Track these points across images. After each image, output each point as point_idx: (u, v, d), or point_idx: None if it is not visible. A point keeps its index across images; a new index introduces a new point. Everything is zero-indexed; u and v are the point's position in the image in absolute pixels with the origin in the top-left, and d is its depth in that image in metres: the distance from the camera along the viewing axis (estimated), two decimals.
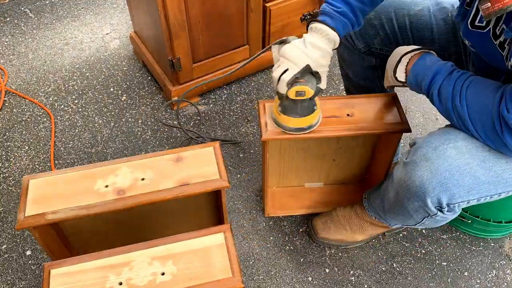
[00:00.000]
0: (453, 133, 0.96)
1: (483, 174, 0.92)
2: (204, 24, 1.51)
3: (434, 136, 0.97)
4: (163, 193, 0.98)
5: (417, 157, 0.96)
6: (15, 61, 1.94)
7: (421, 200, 0.96)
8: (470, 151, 0.93)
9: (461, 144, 0.93)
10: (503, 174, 0.93)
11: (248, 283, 1.28)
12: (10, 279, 1.30)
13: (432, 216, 1.00)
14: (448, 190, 0.93)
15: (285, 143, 1.27)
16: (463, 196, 0.94)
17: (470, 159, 0.92)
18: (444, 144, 0.94)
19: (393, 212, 1.11)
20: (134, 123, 1.70)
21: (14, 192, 1.49)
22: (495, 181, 0.93)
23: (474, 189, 0.93)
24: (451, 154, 0.92)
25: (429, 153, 0.94)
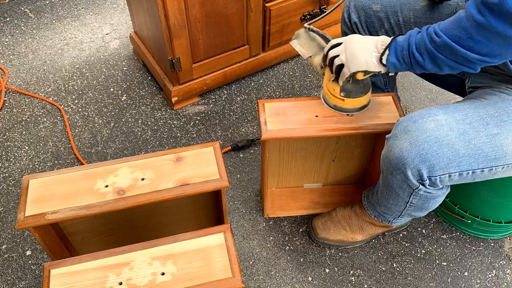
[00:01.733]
0: (434, 108, 0.99)
1: (462, 147, 0.94)
2: (204, 24, 1.51)
3: (415, 112, 1.00)
4: (163, 193, 0.98)
5: (397, 130, 0.99)
6: (15, 61, 1.94)
7: (402, 172, 0.99)
8: (449, 124, 0.95)
9: (440, 117, 0.96)
10: (483, 147, 0.94)
11: (248, 283, 1.28)
12: (10, 279, 1.30)
13: (416, 191, 1.02)
14: (427, 161, 0.95)
15: (284, 143, 1.27)
16: (443, 167, 0.95)
17: (449, 131, 0.94)
18: (424, 117, 0.97)
19: (384, 197, 1.13)
20: (134, 123, 1.70)
21: (14, 192, 1.49)
22: (475, 154, 0.94)
23: (454, 161, 0.94)
24: (430, 127, 0.95)
25: (409, 126, 0.97)
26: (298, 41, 1.19)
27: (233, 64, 1.73)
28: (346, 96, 1.11)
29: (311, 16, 1.74)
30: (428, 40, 0.90)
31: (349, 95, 1.11)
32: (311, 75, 1.88)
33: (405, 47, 0.95)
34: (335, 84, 1.11)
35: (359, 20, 1.26)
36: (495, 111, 0.97)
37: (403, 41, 0.96)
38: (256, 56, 1.78)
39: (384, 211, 1.19)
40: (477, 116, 0.96)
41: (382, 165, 1.06)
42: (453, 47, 0.86)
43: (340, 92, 1.11)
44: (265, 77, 1.86)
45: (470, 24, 0.82)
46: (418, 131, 0.95)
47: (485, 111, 0.97)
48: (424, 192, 1.02)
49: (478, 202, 1.29)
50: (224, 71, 1.72)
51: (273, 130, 1.12)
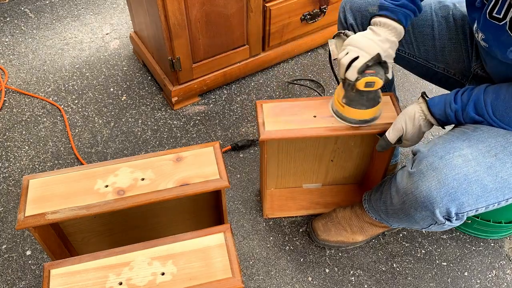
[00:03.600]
0: (457, 141, 0.95)
1: (491, 181, 0.91)
2: (204, 24, 1.51)
3: (438, 145, 0.96)
4: (163, 193, 0.98)
5: (423, 166, 0.95)
6: (15, 61, 1.94)
7: (429, 210, 0.95)
8: (476, 159, 0.92)
9: (466, 152, 0.92)
10: (509, 179, 0.92)
11: (248, 283, 1.28)
12: (10, 279, 1.30)
13: (439, 225, 1.00)
14: (457, 200, 0.91)
15: (283, 143, 1.27)
16: (471, 204, 0.92)
17: (476, 167, 0.91)
18: (450, 152, 0.93)
19: (398, 218, 1.10)
20: (134, 123, 1.70)
21: (14, 192, 1.49)
22: (502, 187, 0.92)
23: (482, 197, 0.92)
24: (457, 163, 0.91)
25: (436, 163, 0.93)
26: (335, 41, 1.16)
27: (233, 64, 1.73)
28: (347, 103, 1.09)
29: (311, 16, 1.74)
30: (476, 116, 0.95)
31: (349, 103, 1.08)
32: (311, 75, 1.88)
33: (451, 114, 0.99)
34: (342, 90, 1.09)
35: (355, 22, 1.25)
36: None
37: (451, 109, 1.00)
38: (256, 56, 1.78)
39: (390, 221, 1.17)
40: (500, 146, 0.93)
41: (404, 199, 1.01)
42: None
43: (343, 98, 1.09)
44: (265, 77, 1.86)
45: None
46: (447, 169, 0.91)
47: (505, 140, 0.94)
48: (447, 226, 1.00)
49: None
50: (224, 71, 1.72)
51: (271, 130, 1.12)
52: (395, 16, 1.03)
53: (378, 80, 1.01)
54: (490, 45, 0.95)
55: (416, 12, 1.07)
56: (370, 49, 1.01)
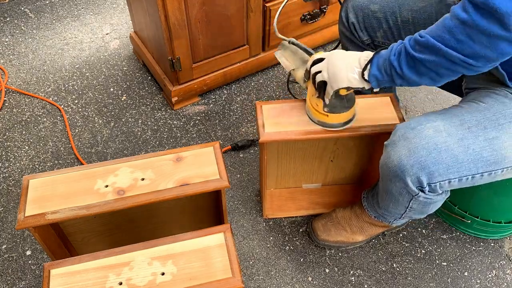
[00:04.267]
0: (432, 114, 0.98)
1: (461, 152, 0.93)
2: (204, 24, 1.51)
3: (413, 119, 0.99)
4: (163, 193, 0.98)
5: (395, 137, 0.98)
6: (15, 61, 1.94)
7: (401, 179, 0.98)
8: (448, 130, 0.94)
9: (438, 123, 0.95)
10: (481, 152, 0.93)
11: (248, 283, 1.28)
12: (10, 279, 1.30)
13: (415, 198, 1.02)
14: (426, 168, 0.94)
15: (283, 144, 1.27)
16: (442, 174, 0.95)
17: (447, 137, 0.93)
18: (422, 124, 0.96)
19: (384, 202, 1.12)
20: (134, 123, 1.70)
21: (14, 192, 1.49)
22: (474, 159, 0.94)
23: (453, 167, 0.94)
24: (428, 133, 0.94)
25: (407, 133, 0.96)
26: (283, 53, 1.17)
27: (233, 64, 1.73)
28: (330, 111, 1.08)
29: (311, 16, 1.74)
30: (409, 45, 0.88)
31: (332, 110, 1.08)
32: None
33: (386, 58, 0.92)
34: (318, 100, 1.08)
35: (357, 21, 1.25)
36: (492, 115, 0.96)
37: (385, 53, 0.93)
38: (256, 56, 1.77)
39: (384, 213, 1.19)
40: (475, 120, 0.95)
41: (381, 172, 1.05)
42: (434, 46, 0.83)
43: (324, 108, 1.08)
44: (265, 77, 1.86)
45: (454, 23, 0.80)
46: (417, 138, 0.94)
47: (482, 115, 0.96)
48: (423, 198, 1.02)
49: (478, 202, 1.29)
50: (224, 71, 1.72)
51: (271, 132, 1.12)
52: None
53: None
54: None
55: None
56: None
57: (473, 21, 0.77)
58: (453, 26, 0.81)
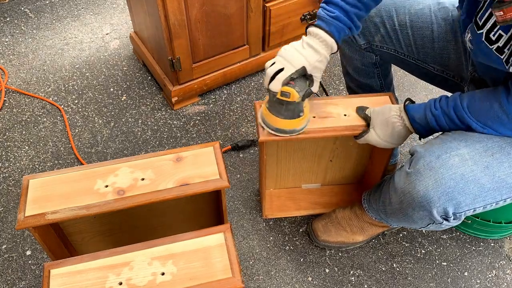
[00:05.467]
0: (454, 141, 0.95)
1: (488, 181, 0.91)
2: (204, 24, 1.51)
3: (435, 145, 0.96)
4: (163, 193, 0.98)
5: (420, 166, 0.95)
6: (15, 61, 1.94)
7: (426, 210, 0.95)
8: (473, 158, 0.92)
9: (463, 151, 0.92)
10: (506, 179, 0.92)
11: (248, 283, 1.28)
12: (10, 279, 1.30)
13: (437, 224, 1.00)
14: (454, 199, 0.91)
15: (282, 144, 1.27)
16: (469, 204, 0.92)
17: (473, 166, 0.91)
18: (447, 152, 0.93)
19: (396, 218, 1.10)
20: (134, 123, 1.70)
21: (14, 192, 1.49)
22: (499, 187, 0.92)
23: (480, 196, 0.92)
24: (454, 162, 0.91)
25: (433, 162, 0.93)
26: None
27: (233, 64, 1.73)
28: (268, 109, 1.08)
29: (311, 16, 1.74)
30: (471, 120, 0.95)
31: (270, 109, 1.08)
32: None
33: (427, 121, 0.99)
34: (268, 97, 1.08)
35: None
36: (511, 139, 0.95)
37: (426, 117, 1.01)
38: (256, 56, 1.78)
39: (389, 221, 1.17)
40: (497, 146, 0.93)
41: (402, 198, 1.01)
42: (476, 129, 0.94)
43: (267, 102, 1.08)
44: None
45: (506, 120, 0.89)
46: (443, 168, 0.91)
47: (503, 140, 0.94)
48: (445, 225, 1.00)
49: None
50: (224, 71, 1.72)
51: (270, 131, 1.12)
52: (328, 28, 1.01)
53: (294, 92, 1.00)
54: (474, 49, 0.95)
55: (353, 29, 1.05)
56: (296, 61, 1.01)
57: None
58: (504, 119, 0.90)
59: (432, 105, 0.99)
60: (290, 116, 1.07)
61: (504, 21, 0.76)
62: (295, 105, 1.05)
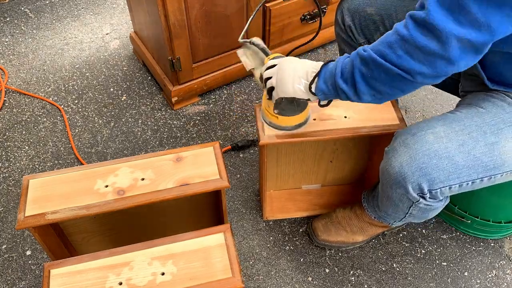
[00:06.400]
0: (432, 120, 0.98)
1: (462, 158, 0.93)
2: (204, 24, 1.51)
3: (413, 125, 0.99)
4: (163, 193, 0.98)
5: (396, 143, 0.98)
6: (15, 61, 1.94)
7: (402, 186, 0.97)
8: (448, 136, 0.94)
9: (439, 129, 0.95)
10: (481, 158, 0.93)
11: (248, 283, 1.28)
12: (10, 279, 1.30)
13: (416, 204, 1.01)
14: (428, 175, 0.94)
15: (282, 146, 1.27)
16: (443, 181, 0.94)
17: (448, 143, 0.93)
18: (423, 130, 0.96)
19: (384, 206, 1.12)
20: (134, 123, 1.70)
21: (14, 192, 1.49)
22: (474, 165, 0.94)
23: (454, 173, 0.94)
24: (429, 139, 0.94)
25: (408, 139, 0.96)
26: (245, 51, 1.15)
27: (233, 64, 1.73)
28: (279, 114, 1.08)
29: (311, 16, 1.74)
30: (354, 59, 0.87)
31: (282, 113, 1.08)
32: None
33: (332, 71, 0.90)
34: (271, 101, 1.07)
35: (353, 23, 1.25)
36: (491, 119, 0.96)
37: (332, 66, 0.91)
38: None
39: (384, 215, 1.19)
40: (474, 125, 0.95)
41: (381, 178, 1.04)
42: (376, 60, 0.82)
43: (274, 110, 1.08)
44: None
45: (395, 38, 0.80)
46: (417, 144, 0.94)
47: (482, 120, 0.96)
48: (424, 205, 1.01)
49: (478, 202, 1.29)
50: (224, 71, 1.72)
51: (271, 135, 1.12)
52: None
53: None
54: None
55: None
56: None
57: (412, 37, 0.77)
58: (393, 41, 0.80)
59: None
60: (303, 108, 1.10)
61: None
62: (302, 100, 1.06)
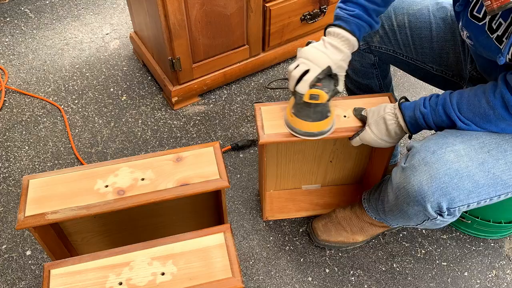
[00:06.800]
0: (450, 137, 0.95)
1: (482, 177, 0.92)
2: (204, 24, 1.51)
3: (431, 141, 0.96)
4: (163, 193, 0.98)
5: (415, 161, 0.95)
6: (15, 61, 1.94)
7: (420, 205, 0.96)
8: (469, 154, 0.92)
9: (459, 147, 0.93)
10: (501, 176, 0.92)
11: (248, 283, 1.28)
12: (10, 279, 1.30)
13: (431, 220, 1.00)
14: (448, 194, 0.92)
15: (282, 146, 1.27)
16: (463, 200, 0.93)
17: (468, 162, 0.92)
18: (442, 148, 0.94)
19: (393, 215, 1.10)
20: (134, 123, 1.70)
21: (14, 192, 1.49)
22: (494, 183, 0.92)
23: (474, 192, 0.92)
24: (449, 158, 0.92)
25: (428, 157, 0.94)
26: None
27: (233, 64, 1.73)
28: (295, 114, 1.08)
29: (311, 16, 1.74)
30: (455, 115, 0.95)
31: (297, 114, 1.07)
32: None
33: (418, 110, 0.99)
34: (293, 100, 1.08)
35: None
36: (510, 137, 0.95)
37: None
38: (256, 56, 1.78)
39: (388, 219, 1.18)
40: (494, 143, 0.94)
41: (397, 193, 1.02)
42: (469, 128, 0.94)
43: (292, 108, 1.08)
44: (265, 77, 1.86)
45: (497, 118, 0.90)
46: (438, 164, 0.92)
47: (501, 137, 0.94)
48: (440, 221, 1.00)
49: None
50: (224, 71, 1.72)
51: (270, 134, 1.12)
52: (348, 27, 1.01)
53: (323, 94, 1.00)
54: (474, 44, 0.95)
55: (373, 25, 1.05)
56: (320, 62, 1.00)
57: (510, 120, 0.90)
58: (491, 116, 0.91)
59: (422, 103, 1.00)
60: (319, 118, 1.07)
61: (491, 10, 0.79)
62: (323, 106, 1.05)
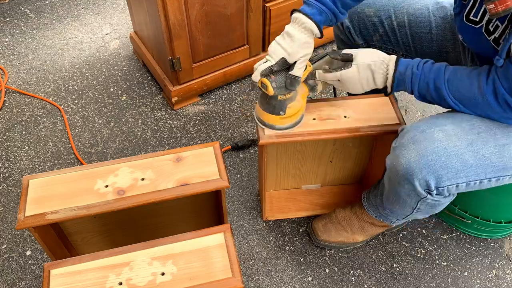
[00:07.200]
0: (441, 118, 0.98)
1: (471, 157, 0.93)
2: (204, 24, 1.51)
3: (422, 122, 0.99)
4: (163, 193, 0.98)
5: (404, 140, 0.98)
6: (15, 61, 1.94)
7: (410, 182, 0.97)
8: (458, 134, 0.94)
9: (448, 127, 0.95)
10: (491, 158, 0.93)
11: (248, 283, 1.28)
12: (10, 279, 1.30)
13: (423, 200, 1.01)
14: (435, 172, 0.94)
15: (282, 146, 1.27)
16: (451, 178, 0.94)
17: (457, 142, 0.93)
18: (432, 127, 0.96)
19: (390, 203, 1.12)
20: (134, 123, 1.70)
21: (14, 192, 1.49)
22: (483, 164, 0.94)
23: (462, 171, 0.94)
24: (438, 137, 0.94)
25: (416, 136, 0.96)
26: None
27: (233, 64, 1.73)
28: (259, 98, 1.11)
29: None
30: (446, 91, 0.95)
31: (259, 99, 1.10)
32: None
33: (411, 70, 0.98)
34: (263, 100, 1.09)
35: (352, 25, 1.24)
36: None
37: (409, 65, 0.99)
38: (256, 56, 1.77)
39: (387, 213, 1.19)
40: (484, 126, 0.95)
41: (389, 174, 1.04)
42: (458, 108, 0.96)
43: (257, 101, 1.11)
44: None
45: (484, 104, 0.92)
46: (427, 142, 0.94)
47: (492, 122, 0.95)
48: (431, 200, 1.01)
49: (478, 202, 1.29)
50: (224, 71, 1.72)
51: (271, 134, 1.12)
52: (309, 11, 0.99)
53: (269, 86, 1.00)
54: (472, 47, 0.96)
55: (338, 15, 1.02)
56: (274, 54, 1.00)
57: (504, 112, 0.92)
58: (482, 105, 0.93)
59: (416, 64, 0.98)
60: (270, 111, 1.08)
61: (496, 13, 0.80)
62: (276, 101, 1.05)
